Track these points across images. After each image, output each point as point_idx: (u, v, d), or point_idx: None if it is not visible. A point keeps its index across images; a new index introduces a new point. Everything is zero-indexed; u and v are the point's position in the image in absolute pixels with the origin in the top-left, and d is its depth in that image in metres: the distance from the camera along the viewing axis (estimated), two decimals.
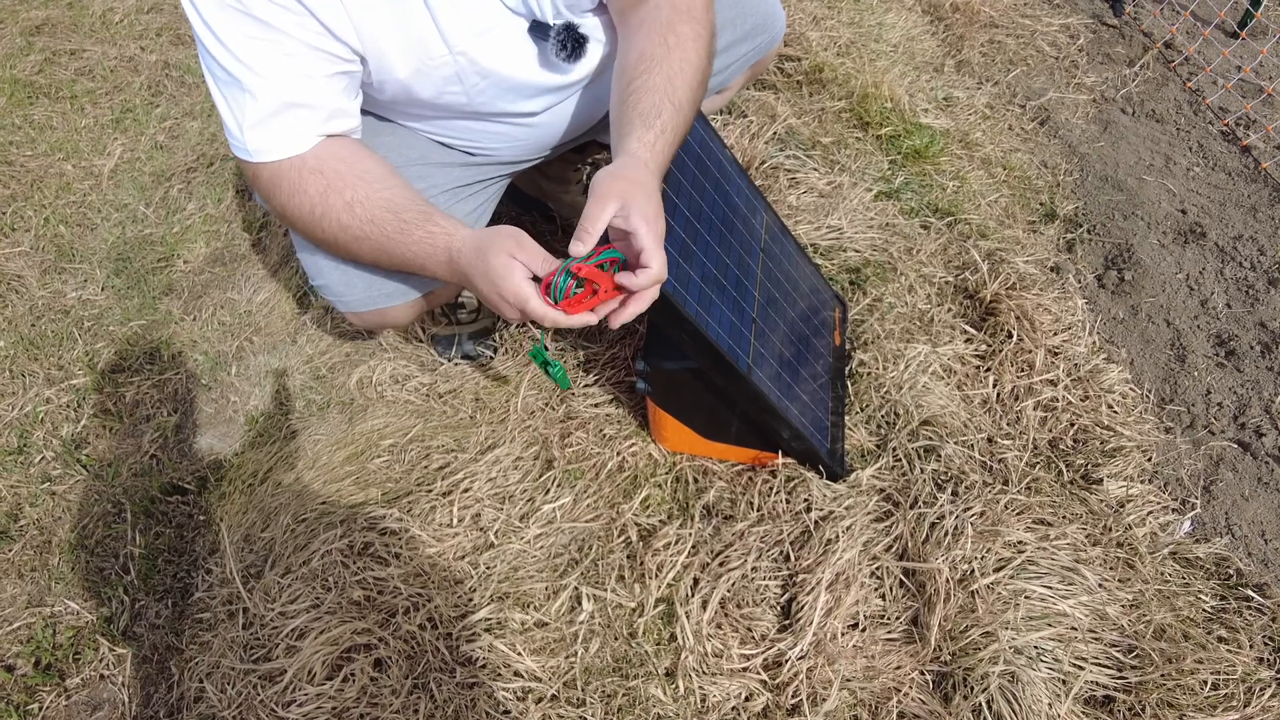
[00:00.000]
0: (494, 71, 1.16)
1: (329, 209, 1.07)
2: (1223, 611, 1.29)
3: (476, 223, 1.43)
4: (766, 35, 1.50)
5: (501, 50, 1.15)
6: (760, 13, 1.46)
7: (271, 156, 1.05)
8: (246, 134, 1.03)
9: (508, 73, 1.17)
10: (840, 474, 1.37)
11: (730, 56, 1.45)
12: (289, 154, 1.05)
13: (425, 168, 1.28)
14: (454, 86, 1.17)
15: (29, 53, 2.65)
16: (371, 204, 1.07)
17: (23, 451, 1.67)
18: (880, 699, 1.18)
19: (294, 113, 1.04)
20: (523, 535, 1.35)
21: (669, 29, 1.11)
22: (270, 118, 1.03)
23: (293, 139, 1.05)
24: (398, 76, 1.12)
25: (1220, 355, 1.66)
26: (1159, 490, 1.45)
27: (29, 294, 1.95)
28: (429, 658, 1.23)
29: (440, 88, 1.16)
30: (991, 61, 2.41)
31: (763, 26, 1.48)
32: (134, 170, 2.25)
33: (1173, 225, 1.92)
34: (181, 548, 1.52)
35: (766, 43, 1.51)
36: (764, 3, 1.47)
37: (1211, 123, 2.19)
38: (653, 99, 1.07)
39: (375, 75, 1.12)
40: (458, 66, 1.13)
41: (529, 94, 1.24)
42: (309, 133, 1.06)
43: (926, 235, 1.82)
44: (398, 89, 1.15)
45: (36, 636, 1.41)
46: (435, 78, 1.14)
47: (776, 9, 1.51)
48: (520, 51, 1.17)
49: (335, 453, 1.51)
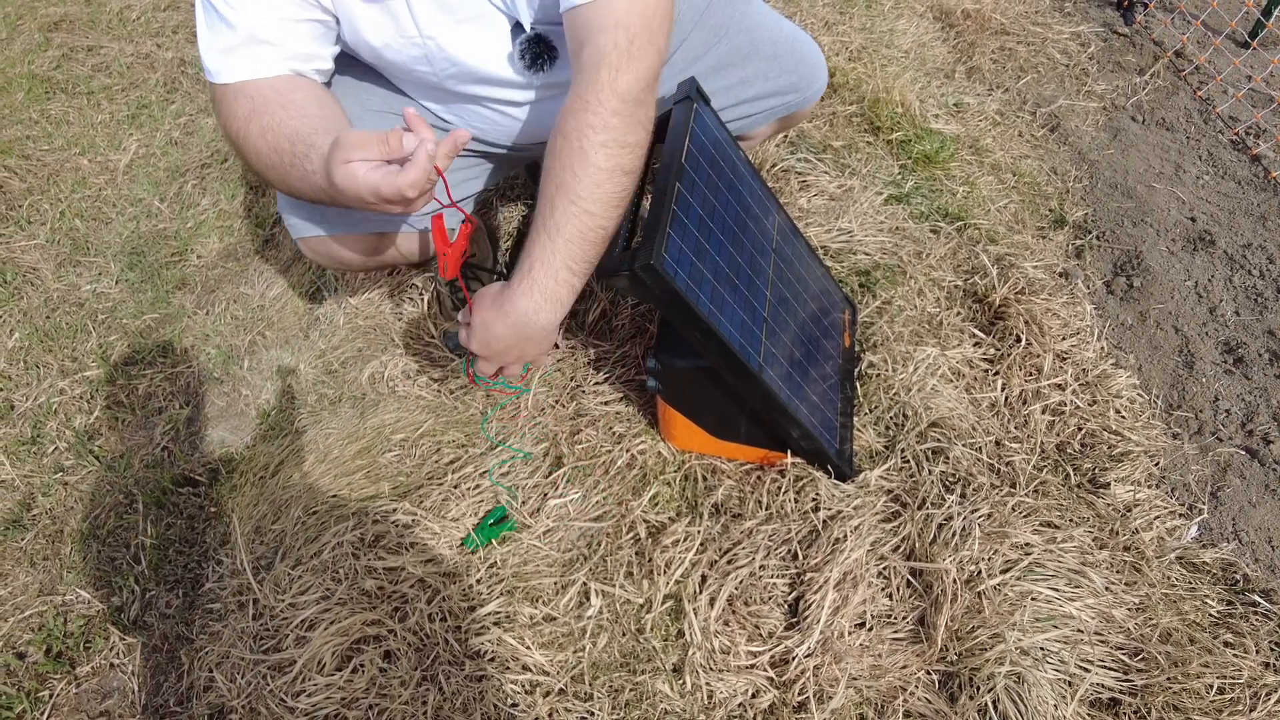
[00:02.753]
0: (462, 61, 1.18)
1: (249, 133, 1.10)
2: (1229, 616, 1.29)
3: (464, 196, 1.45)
4: (799, 95, 1.46)
5: (474, 42, 1.16)
6: (798, 71, 1.43)
7: (222, 79, 1.11)
8: (212, 56, 1.10)
9: (476, 64, 1.18)
10: (849, 474, 1.37)
11: (756, 107, 1.44)
12: (240, 79, 1.10)
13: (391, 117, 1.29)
14: (422, 66, 1.19)
15: (47, 49, 2.67)
16: (279, 132, 1.08)
17: (36, 442, 1.68)
18: (886, 698, 1.19)
19: (259, 48, 1.09)
20: (532, 530, 1.35)
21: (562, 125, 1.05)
22: (238, 47, 1.09)
23: (247, 69, 1.10)
24: (369, 42, 1.15)
25: (1229, 362, 1.66)
26: (1166, 495, 1.45)
27: (44, 286, 1.96)
28: (438, 650, 1.24)
29: (409, 64, 1.19)
30: (1002, 68, 2.41)
31: (796, 85, 1.44)
32: (149, 165, 2.26)
33: (1182, 233, 1.92)
34: (192, 539, 1.54)
35: (798, 101, 1.48)
36: (804, 62, 1.44)
37: (1221, 131, 2.20)
38: (535, 224, 1.08)
39: (348, 36, 1.15)
40: (426, 49, 1.16)
41: (501, 85, 1.24)
42: (266, 68, 1.10)
43: (936, 239, 1.83)
44: (370, 54, 1.19)
45: (48, 625, 1.42)
46: (404, 55, 1.17)
47: (818, 71, 1.47)
48: (495, 46, 1.17)
49: (346, 446, 1.52)
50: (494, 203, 1.97)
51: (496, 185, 2.01)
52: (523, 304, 1.08)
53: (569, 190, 1.04)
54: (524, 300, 1.08)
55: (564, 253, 1.06)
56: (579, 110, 1.03)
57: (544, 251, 1.06)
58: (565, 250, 1.06)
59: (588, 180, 1.03)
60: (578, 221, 1.05)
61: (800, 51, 1.42)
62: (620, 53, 1.02)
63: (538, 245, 1.06)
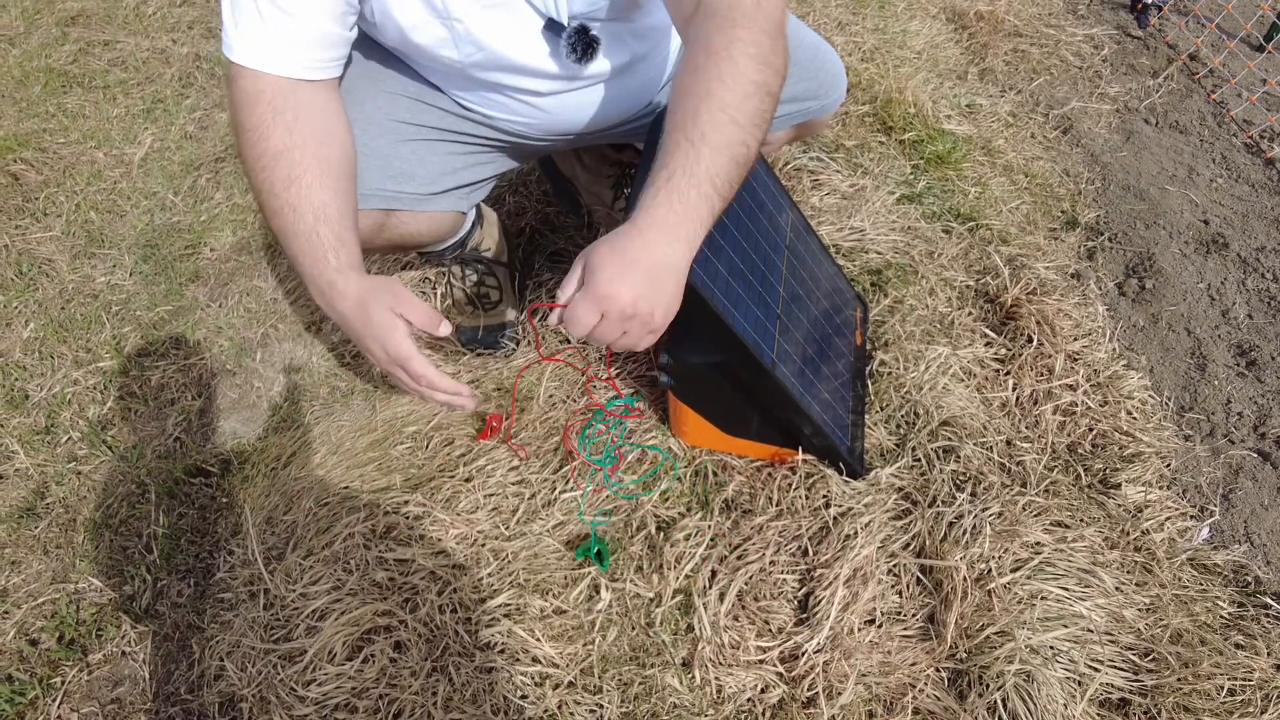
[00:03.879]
0: (488, 45, 1.16)
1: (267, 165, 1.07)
2: (1240, 619, 1.29)
3: (470, 193, 1.44)
4: (817, 103, 1.44)
5: (500, 28, 1.15)
6: (818, 79, 1.41)
7: (245, 62, 1.07)
8: (235, 32, 1.06)
9: (501, 49, 1.17)
10: (860, 472, 1.37)
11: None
12: (262, 67, 1.07)
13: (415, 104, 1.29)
14: (448, 50, 1.18)
15: (64, 43, 2.69)
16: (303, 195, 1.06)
17: (50, 431, 1.69)
18: (895, 694, 1.19)
19: (283, 22, 1.05)
20: (543, 523, 1.36)
21: (708, 42, 0.97)
22: (262, 23, 1.05)
23: (272, 55, 1.07)
24: (397, 21, 1.13)
25: (1241, 365, 1.65)
26: (1177, 496, 1.45)
27: (59, 278, 1.98)
28: (448, 641, 1.25)
29: (435, 47, 1.17)
30: (1015, 70, 2.41)
31: (815, 92, 1.42)
32: (163, 159, 2.28)
33: (1195, 235, 1.92)
34: (204, 529, 1.54)
35: (816, 109, 1.46)
36: (824, 70, 1.42)
37: (1235, 135, 2.19)
38: (672, 136, 0.96)
39: (378, 16, 1.13)
40: (453, 32, 1.14)
41: (526, 75, 1.23)
42: (290, 54, 1.08)
43: (948, 239, 1.83)
44: (397, 35, 1.16)
45: (60, 612, 1.43)
46: (430, 36, 1.15)
47: (838, 80, 1.45)
48: (521, 33, 1.16)
49: (358, 439, 1.53)
50: (505, 196, 1.98)
51: (509, 178, 2.01)
52: (659, 219, 0.92)
53: (717, 98, 0.93)
54: (661, 216, 0.92)
55: (708, 161, 0.93)
56: (727, 26, 0.95)
57: (686, 159, 0.92)
58: (710, 159, 0.93)
59: (738, 90, 0.94)
60: (726, 131, 0.93)
61: (821, 60, 1.42)
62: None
63: (679, 154, 0.93)
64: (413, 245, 1.44)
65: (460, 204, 1.41)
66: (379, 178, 1.26)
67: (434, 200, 1.34)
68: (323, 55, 1.11)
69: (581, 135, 1.41)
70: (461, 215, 1.46)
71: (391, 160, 1.28)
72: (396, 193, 1.29)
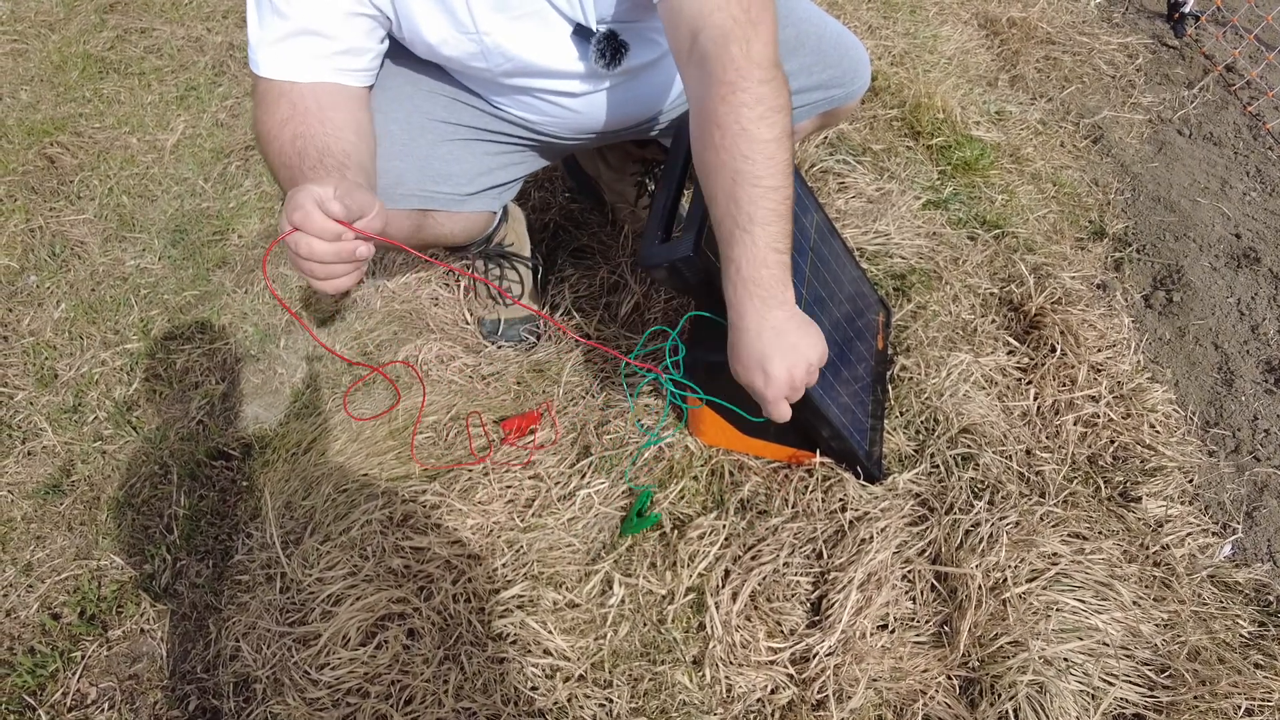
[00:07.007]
0: (518, 56, 1.18)
1: (281, 136, 1.08)
2: (1261, 638, 1.27)
3: (502, 193, 1.44)
4: (842, 90, 1.45)
5: (531, 38, 1.16)
6: (841, 66, 1.42)
7: (265, 72, 1.10)
8: (262, 48, 1.09)
9: (533, 59, 1.19)
10: (878, 477, 1.37)
11: (799, 100, 1.41)
12: (286, 77, 1.09)
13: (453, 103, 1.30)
14: (478, 62, 1.19)
15: (102, 29, 2.74)
16: (311, 142, 1.06)
17: (77, 410, 1.72)
18: (906, 700, 1.18)
19: (309, 39, 1.08)
20: (558, 517, 1.36)
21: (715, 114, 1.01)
22: (288, 38, 1.08)
23: (297, 64, 1.09)
24: (425, 39, 1.15)
25: (1270, 382, 1.63)
26: (1199, 512, 1.43)
27: (90, 260, 2.01)
28: (461, 630, 1.26)
29: (465, 60, 1.19)
30: (1046, 78, 2.39)
31: (839, 80, 1.43)
32: (195, 146, 2.31)
33: (1225, 249, 1.89)
34: (224, 511, 1.56)
35: (841, 96, 1.46)
36: (847, 57, 1.43)
37: (1271, 148, 2.16)
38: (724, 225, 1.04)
39: (406, 33, 1.15)
40: (483, 46, 1.16)
41: (558, 78, 1.24)
42: (315, 63, 1.10)
43: (973, 246, 1.82)
44: (426, 50, 1.19)
45: (83, 588, 1.45)
46: (460, 50, 1.17)
47: (861, 66, 1.46)
48: (552, 42, 1.17)
49: (378, 427, 1.54)
50: (530, 192, 1.99)
51: (534, 175, 2.02)
52: (749, 311, 1.04)
53: (747, 175, 1.00)
54: (751, 307, 1.04)
55: (764, 238, 1.02)
56: (725, 95, 0.99)
57: (745, 248, 1.02)
58: (764, 235, 1.01)
59: (762, 159, 1.00)
60: (767, 203, 1.01)
61: (845, 46, 1.42)
62: (743, 23, 1.00)
63: (737, 245, 1.02)
64: (446, 245, 1.45)
65: (493, 204, 1.42)
66: (418, 178, 1.27)
67: (470, 201, 1.35)
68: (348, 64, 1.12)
69: (616, 131, 1.41)
70: (493, 215, 1.47)
71: (431, 160, 1.29)
72: (434, 193, 1.29)
